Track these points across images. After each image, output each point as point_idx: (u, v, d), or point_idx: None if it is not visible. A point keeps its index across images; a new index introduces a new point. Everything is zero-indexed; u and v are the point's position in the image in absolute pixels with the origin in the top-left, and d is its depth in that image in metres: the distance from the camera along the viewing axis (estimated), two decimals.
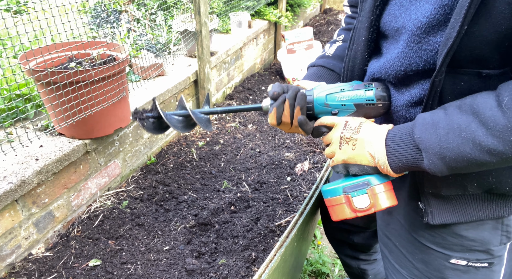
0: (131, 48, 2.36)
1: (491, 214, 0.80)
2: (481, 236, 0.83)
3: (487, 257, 0.85)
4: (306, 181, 2.16)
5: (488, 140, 0.62)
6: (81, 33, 1.80)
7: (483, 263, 0.85)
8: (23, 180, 1.46)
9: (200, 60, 2.62)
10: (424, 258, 0.90)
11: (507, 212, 0.79)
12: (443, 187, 0.78)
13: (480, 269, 0.86)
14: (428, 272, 0.91)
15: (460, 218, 0.81)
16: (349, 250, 1.47)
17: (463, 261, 0.86)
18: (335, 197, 0.85)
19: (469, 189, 0.77)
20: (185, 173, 2.22)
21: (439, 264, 0.88)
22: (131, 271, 1.56)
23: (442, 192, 0.79)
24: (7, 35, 1.39)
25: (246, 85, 3.51)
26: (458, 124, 0.66)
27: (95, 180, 1.90)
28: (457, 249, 0.85)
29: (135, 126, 2.14)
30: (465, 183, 0.76)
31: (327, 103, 0.87)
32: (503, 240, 0.84)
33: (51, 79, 1.45)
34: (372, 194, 0.81)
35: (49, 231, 1.68)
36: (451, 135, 0.66)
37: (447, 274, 0.89)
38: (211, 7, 3.20)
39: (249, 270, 1.57)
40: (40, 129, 1.76)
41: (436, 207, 0.82)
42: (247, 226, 1.80)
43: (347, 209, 0.84)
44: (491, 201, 0.79)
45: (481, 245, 0.84)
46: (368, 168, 0.80)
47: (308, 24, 5.51)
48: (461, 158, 0.66)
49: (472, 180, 0.75)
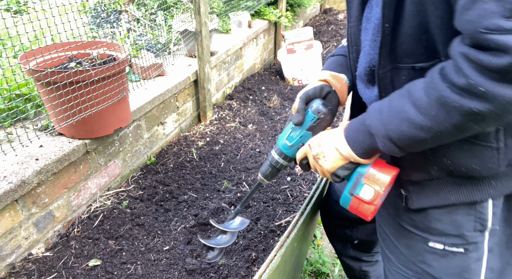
0: (131, 48, 2.36)
1: (462, 198, 0.84)
2: (455, 220, 0.87)
3: (462, 242, 0.88)
4: (306, 181, 2.16)
5: (418, 118, 0.70)
6: (81, 33, 1.80)
7: (459, 248, 0.89)
8: (23, 180, 1.46)
9: (200, 60, 2.62)
10: (407, 242, 0.96)
11: (478, 196, 0.82)
12: (412, 173, 0.86)
13: (456, 254, 0.90)
14: (411, 257, 0.96)
15: (434, 202, 0.86)
16: (351, 250, 1.47)
17: (440, 244, 0.91)
18: (350, 202, 0.92)
19: (432, 172, 0.83)
20: (185, 173, 2.22)
21: (419, 248, 0.93)
22: (131, 271, 1.56)
23: (412, 177, 0.86)
24: (7, 35, 1.39)
25: (246, 85, 3.51)
26: (396, 107, 0.75)
27: (95, 180, 1.90)
28: (434, 232, 0.90)
29: (135, 126, 2.14)
30: (427, 167, 0.83)
31: (291, 145, 1.03)
32: (477, 227, 0.87)
33: (51, 79, 1.45)
34: (369, 181, 0.88)
35: (49, 231, 1.68)
36: (392, 118, 0.75)
37: (427, 258, 0.93)
38: (211, 7, 3.20)
39: (249, 270, 1.57)
40: (40, 129, 1.76)
41: (414, 193, 0.89)
42: (247, 225, 1.80)
43: (366, 206, 0.90)
44: (460, 185, 0.83)
45: (455, 229, 0.88)
46: (347, 165, 0.89)
47: (308, 24, 5.51)
48: (402, 137, 0.74)
49: (431, 164, 0.82)
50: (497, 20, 0.57)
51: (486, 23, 0.58)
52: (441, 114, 0.68)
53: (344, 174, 0.90)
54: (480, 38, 0.60)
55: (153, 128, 2.33)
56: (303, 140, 1.01)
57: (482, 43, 0.60)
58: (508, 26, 0.57)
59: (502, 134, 0.74)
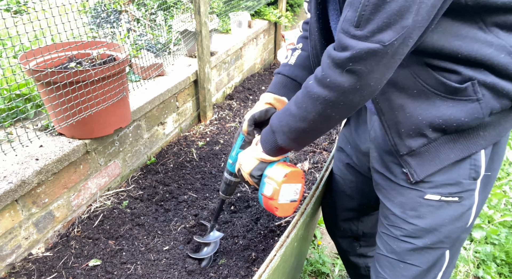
0: (131, 48, 2.36)
1: (461, 153, 0.91)
2: (452, 170, 0.94)
3: (458, 190, 0.95)
4: (306, 181, 2.16)
5: (296, 111, 0.89)
6: (81, 33, 1.80)
7: (454, 197, 0.95)
8: (23, 180, 1.46)
9: (200, 60, 2.62)
10: (401, 200, 1.01)
11: (473, 149, 0.90)
12: (411, 142, 0.92)
13: (451, 203, 0.96)
14: (404, 213, 1.01)
15: (438, 165, 0.93)
16: (358, 247, 1.47)
17: (436, 195, 0.96)
18: (262, 200, 1.12)
19: (429, 135, 0.90)
20: (185, 173, 2.22)
21: (415, 202, 0.99)
22: (131, 271, 1.56)
23: (413, 147, 0.92)
24: (7, 35, 1.39)
25: (246, 85, 3.51)
26: (286, 108, 0.93)
27: (95, 180, 1.90)
28: (431, 185, 0.96)
29: (135, 126, 2.14)
30: (424, 131, 0.90)
31: (233, 162, 1.25)
32: (471, 174, 0.94)
33: (51, 79, 1.45)
34: (269, 179, 1.07)
35: (49, 231, 1.68)
36: (283, 115, 0.93)
37: (422, 211, 0.98)
38: (211, 7, 3.20)
39: (249, 270, 1.57)
40: (40, 129, 1.76)
41: (416, 165, 0.94)
42: (247, 226, 1.80)
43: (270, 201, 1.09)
44: (456, 141, 0.90)
45: (452, 179, 0.94)
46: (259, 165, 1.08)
47: None
48: (290, 129, 0.92)
49: (426, 127, 0.89)
50: (349, 26, 0.74)
51: (343, 25, 0.76)
52: (309, 105, 0.85)
53: (257, 174, 1.08)
54: (339, 36, 0.77)
55: (153, 128, 2.33)
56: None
57: (339, 39, 0.77)
58: (353, 33, 0.74)
59: (477, 87, 0.83)
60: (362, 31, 0.73)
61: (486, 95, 0.83)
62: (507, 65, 0.80)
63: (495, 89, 0.83)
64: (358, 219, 1.40)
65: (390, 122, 0.93)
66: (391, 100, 0.91)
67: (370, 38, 0.72)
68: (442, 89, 0.85)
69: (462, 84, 0.83)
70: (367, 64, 0.75)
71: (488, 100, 0.84)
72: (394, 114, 0.92)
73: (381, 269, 1.09)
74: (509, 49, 0.79)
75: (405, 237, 1.02)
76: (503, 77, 0.82)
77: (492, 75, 0.82)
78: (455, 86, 0.83)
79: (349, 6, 0.75)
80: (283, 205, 1.11)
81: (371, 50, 0.73)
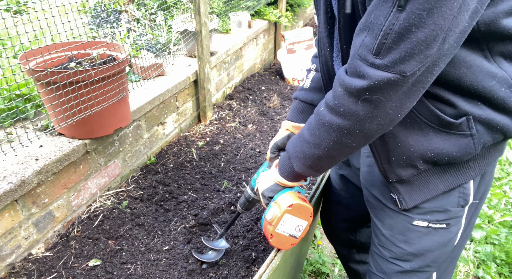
0: (131, 48, 2.36)
1: (450, 185, 0.91)
2: (441, 198, 0.94)
3: (446, 217, 0.95)
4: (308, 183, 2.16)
5: (309, 138, 0.86)
6: (81, 33, 1.80)
7: (442, 224, 0.96)
8: (23, 180, 1.46)
9: (200, 60, 2.62)
10: (391, 223, 1.02)
11: (462, 180, 0.90)
12: (401, 172, 0.91)
13: (438, 230, 0.97)
14: (392, 237, 1.02)
15: (427, 195, 0.92)
16: (357, 255, 1.47)
17: (424, 222, 0.97)
18: (263, 223, 1.10)
19: (419, 166, 0.89)
20: (185, 173, 2.22)
21: (403, 227, 0.99)
22: (131, 271, 1.56)
23: (403, 176, 0.91)
24: (7, 35, 1.39)
25: (246, 85, 3.51)
26: (301, 132, 0.90)
27: (95, 180, 1.90)
28: (419, 211, 0.96)
29: (135, 126, 2.14)
30: (414, 163, 0.89)
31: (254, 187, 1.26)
32: (460, 202, 0.94)
33: (51, 79, 1.45)
34: (276, 204, 1.04)
35: (49, 231, 1.68)
36: (298, 142, 0.91)
37: (410, 236, 0.99)
38: (211, 7, 3.20)
39: (249, 270, 1.57)
40: (40, 129, 1.76)
41: (405, 193, 0.94)
42: (247, 226, 1.80)
43: (268, 226, 1.06)
44: (445, 173, 0.90)
45: (440, 206, 0.95)
46: (273, 187, 1.07)
47: (308, 24, 5.51)
48: (305, 156, 0.90)
49: (417, 159, 0.88)
50: (367, 53, 0.69)
51: (360, 52, 0.71)
52: (322, 133, 0.82)
53: (269, 195, 1.06)
54: (354, 61, 0.72)
55: (153, 128, 2.33)
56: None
57: (353, 66, 0.72)
58: (372, 61, 0.69)
59: (472, 122, 0.81)
60: (382, 60, 0.68)
61: (480, 131, 0.82)
62: (506, 99, 0.78)
63: (490, 125, 0.81)
64: (356, 230, 1.40)
65: (380, 149, 0.92)
66: None
67: (390, 69, 0.68)
68: (436, 122, 0.83)
69: (458, 119, 0.81)
70: (385, 93, 0.70)
71: (482, 135, 0.83)
72: (385, 141, 0.89)
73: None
74: (510, 82, 0.77)
75: (393, 259, 1.03)
76: (500, 111, 0.80)
77: (489, 109, 0.80)
78: (449, 121, 0.81)
79: (367, 30, 0.70)
80: (280, 236, 1.05)
81: (391, 81, 0.69)
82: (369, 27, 0.69)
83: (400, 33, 0.65)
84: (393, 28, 0.65)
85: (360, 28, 0.72)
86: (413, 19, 0.63)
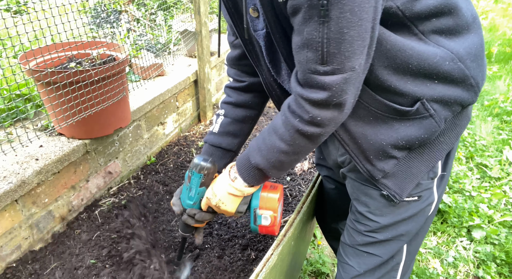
0: (131, 48, 2.36)
1: (429, 163, 0.96)
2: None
3: (417, 190, 1.00)
4: (306, 181, 2.16)
5: (288, 148, 0.92)
6: (81, 33, 1.80)
7: (414, 196, 1.01)
8: (23, 180, 1.46)
9: (200, 60, 2.63)
10: (366, 200, 1.07)
11: (439, 155, 0.96)
12: (384, 167, 0.96)
13: (411, 202, 1.02)
14: (369, 212, 1.07)
15: (414, 180, 0.97)
16: None
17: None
18: (259, 230, 1.14)
19: (396, 155, 0.94)
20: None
21: (377, 202, 1.04)
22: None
23: (387, 170, 0.96)
24: (7, 35, 1.39)
25: None
26: (271, 144, 0.94)
27: (95, 180, 1.90)
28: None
29: (135, 126, 2.14)
30: (390, 153, 0.93)
31: (194, 202, 1.17)
32: (430, 175, 0.99)
33: (51, 79, 1.45)
34: (263, 210, 1.09)
35: (49, 231, 1.68)
36: (271, 153, 0.95)
37: (384, 210, 1.04)
38: (211, 7, 3.20)
39: (248, 270, 1.57)
40: (40, 129, 1.76)
41: (394, 186, 0.98)
42: (247, 226, 1.80)
43: (271, 228, 1.12)
44: (422, 154, 0.95)
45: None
46: (244, 201, 1.08)
47: None
48: (282, 164, 0.96)
49: (391, 149, 0.93)
50: (315, 65, 0.76)
51: (308, 66, 0.77)
52: (302, 141, 0.89)
53: (244, 209, 1.09)
54: (306, 76, 0.79)
55: (153, 128, 2.33)
56: (201, 195, 1.15)
57: (308, 80, 0.79)
58: (323, 70, 0.75)
59: (427, 104, 0.87)
60: (332, 66, 0.75)
61: (437, 109, 0.88)
62: (451, 71, 0.83)
63: (444, 101, 0.87)
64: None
65: (356, 152, 0.97)
66: (351, 131, 0.94)
67: (342, 70, 0.75)
68: (396, 113, 0.89)
69: (413, 106, 0.87)
70: (347, 90, 0.78)
71: (440, 112, 0.88)
72: (358, 143, 0.95)
73: (346, 256, 1.16)
74: (452, 56, 0.83)
75: (368, 232, 1.08)
76: (449, 84, 0.86)
77: (439, 86, 0.85)
78: (406, 110, 0.87)
79: (306, 47, 0.75)
80: (280, 221, 1.12)
81: (347, 79, 0.76)
82: (307, 44, 0.75)
83: (336, 38, 0.72)
84: (328, 36, 0.72)
85: (298, 46, 0.78)
86: (341, 23, 0.70)
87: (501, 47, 5.29)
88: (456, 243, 2.16)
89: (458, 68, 0.83)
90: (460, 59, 0.83)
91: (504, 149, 3.00)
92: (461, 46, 0.83)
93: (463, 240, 2.18)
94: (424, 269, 1.95)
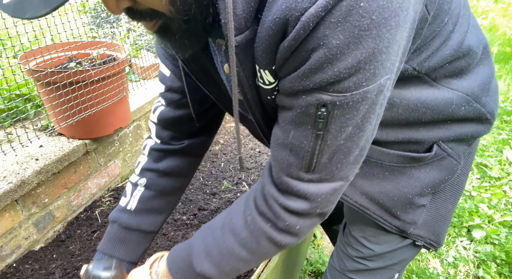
0: (131, 48, 2.36)
1: (455, 199, 0.92)
2: None
3: None
4: None
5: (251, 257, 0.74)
6: (81, 33, 1.80)
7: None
8: (23, 180, 1.46)
9: None
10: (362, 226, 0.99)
11: (461, 186, 0.91)
12: (413, 218, 0.88)
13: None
14: (363, 238, 0.99)
15: (445, 222, 0.92)
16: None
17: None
18: None
19: (423, 203, 0.88)
20: None
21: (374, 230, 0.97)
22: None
23: (416, 220, 0.89)
24: (7, 35, 1.39)
25: None
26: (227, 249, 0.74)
27: (95, 180, 1.90)
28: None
29: (135, 126, 2.14)
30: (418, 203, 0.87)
31: None
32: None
33: (51, 79, 1.45)
34: None
35: (49, 231, 1.68)
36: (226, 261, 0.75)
37: (381, 239, 0.97)
38: None
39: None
40: (40, 129, 1.76)
41: (428, 234, 0.92)
42: None
43: None
44: (446, 192, 0.89)
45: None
46: None
47: None
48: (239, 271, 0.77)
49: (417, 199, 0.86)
50: (297, 171, 0.63)
51: (287, 171, 0.64)
52: (271, 249, 0.73)
53: None
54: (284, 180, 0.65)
55: None
56: None
57: (285, 185, 0.65)
58: (307, 178, 0.63)
59: (443, 145, 0.82)
60: (319, 174, 0.63)
61: (453, 147, 0.83)
62: (467, 114, 0.78)
63: (460, 139, 0.82)
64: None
65: (379, 212, 0.88)
66: (368, 193, 0.84)
67: (330, 180, 0.64)
68: (412, 161, 0.81)
69: (431, 151, 0.80)
70: (333, 199, 0.67)
71: (457, 149, 0.83)
72: (380, 203, 0.85)
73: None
74: (467, 98, 0.76)
75: (359, 258, 1.01)
76: (464, 123, 0.80)
77: (454, 126, 0.79)
78: (424, 155, 0.81)
79: (288, 149, 0.62)
80: None
81: (336, 190, 0.65)
82: (290, 148, 0.62)
83: (331, 151, 0.60)
84: (322, 148, 0.60)
85: (278, 143, 0.64)
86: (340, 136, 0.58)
87: (501, 47, 5.29)
88: (456, 243, 2.16)
89: (474, 110, 0.78)
90: (475, 100, 0.76)
91: (504, 149, 3.01)
92: (475, 84, 0.76)
93: (463, 240, 2.18)
94: (424, 269, 1.95)
